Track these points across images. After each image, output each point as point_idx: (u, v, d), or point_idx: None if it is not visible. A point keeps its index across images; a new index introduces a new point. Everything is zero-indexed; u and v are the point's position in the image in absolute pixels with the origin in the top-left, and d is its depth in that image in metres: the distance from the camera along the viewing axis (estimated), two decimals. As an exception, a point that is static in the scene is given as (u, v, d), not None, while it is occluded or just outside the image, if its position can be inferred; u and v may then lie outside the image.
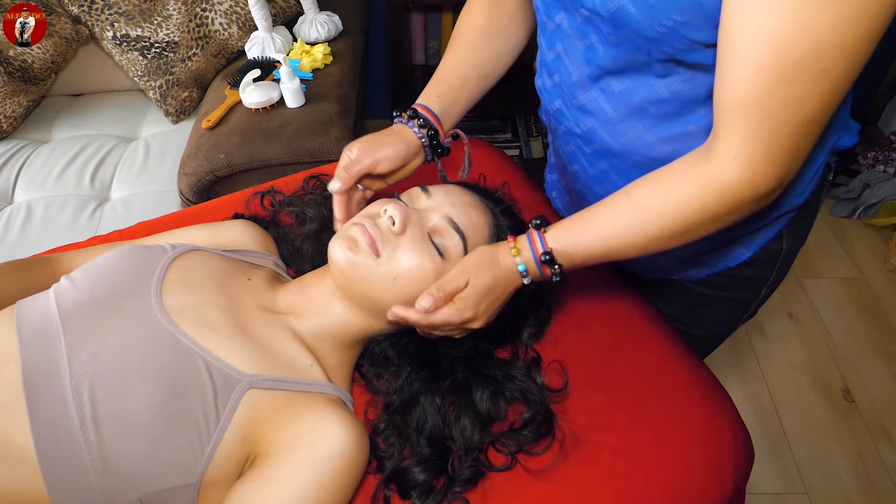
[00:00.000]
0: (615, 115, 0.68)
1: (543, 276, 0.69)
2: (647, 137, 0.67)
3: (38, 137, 1.62)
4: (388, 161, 0.77)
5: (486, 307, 0.68)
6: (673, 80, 0.61)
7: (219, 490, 0.63)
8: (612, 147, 0.70)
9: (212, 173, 1.33)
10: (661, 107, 0.64)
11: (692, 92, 0.61)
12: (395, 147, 0.77)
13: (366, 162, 0.76)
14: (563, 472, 0.70)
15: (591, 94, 0.69)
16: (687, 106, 0.63)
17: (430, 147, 0.81)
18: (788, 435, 1.55)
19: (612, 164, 0.73)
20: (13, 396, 0.61)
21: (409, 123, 0.80)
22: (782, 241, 0.76)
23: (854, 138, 0.71)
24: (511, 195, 0.90)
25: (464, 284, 0.67)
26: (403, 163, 0.79)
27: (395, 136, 0.79)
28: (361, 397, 0.78)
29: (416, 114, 0.80)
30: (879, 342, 1.74)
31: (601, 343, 0.82)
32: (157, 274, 0.71)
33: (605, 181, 0.75)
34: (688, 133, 0.65)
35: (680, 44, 0.56)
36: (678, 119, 0.64)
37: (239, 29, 1.59)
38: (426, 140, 0.80)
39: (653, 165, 0.64)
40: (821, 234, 2.02)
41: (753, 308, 0.86)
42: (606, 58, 0.64)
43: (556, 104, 0.75)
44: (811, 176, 0.70)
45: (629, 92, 0.65)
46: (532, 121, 2.21)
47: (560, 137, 0.79)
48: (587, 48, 0.66)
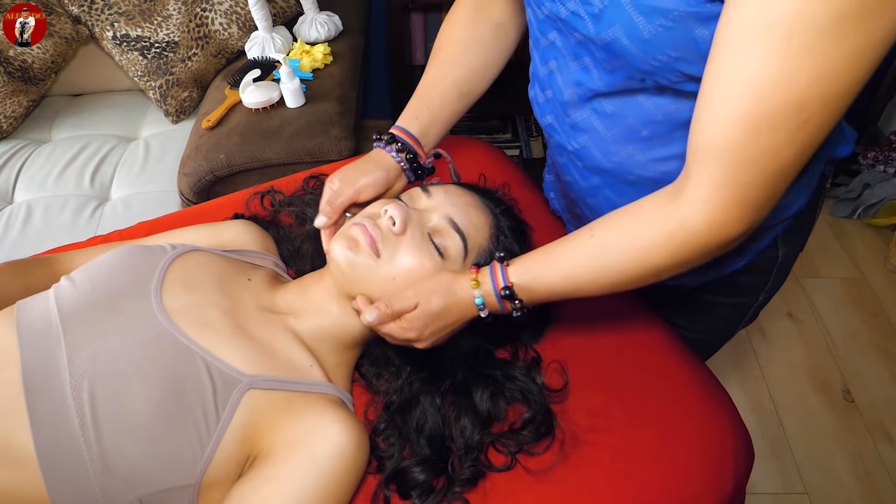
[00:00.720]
0: (608, 135, 0.67)
1: (504, 309, 0.68)
2: (638, 157, 0.67)
3: (38, 137, 1.62)
4: (369, 189, 0.78)
5: (431, 332, 0.69)
6: (665, 101, 0.61)
7: (219, 490, 0.63)
8: (605, 166, 0.70)
9: (212, 173, 1.33)
10: (653, 128, 0.64)
11: (685, 114, 0.61)
12: (374, 174, 0.78)
13: (347, 193, 0.76)
14: (563, 472, 0.70)
15: (583, 114, 0.69)
16: (678, 128, 0.62)
17: (410, 170, 0.81)
18: (788, 435, 1.55)
19: (605, 181, 0.73)
20: (13, 397, 0.61)
21: (386, 148, 0.80)
22: (778, 248, 0.76)
23: (850, 147, 0.71)
24: (511, 195, 0.90)
25: (412, 306, 0.67)
26: (385, 188, 0.80)
27: (373, 164, 0.79)
28: (361, 397, 0.78)
29: (394, 138, 0.80)
30: (879, 342, 1.74)
31: (601, 343, 0.82)
32: (156, 274, 0.71)
33: (597, 195, 0.75)
34: (679, 155, 0.64)
35: (674, 76, 0.56)
36: (670, 141, 0.64)
37: (239, 29, 1.59)
38: (405, 164, 0.80)
39: (646, 183, 0.63)
40: (821, 234, 2.02)
41: (752, 312, 0.86)
42: (600, 82, 0.64)
43: (549, 119, 0.75)
44: (803, 186, 0.70)
45: (621, 113, 0.65)
46: (532, 121, 2.21)
47: (553, 149, 0.79)
48: (581, 69, 0.65)
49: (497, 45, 0.84)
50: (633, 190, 0.63)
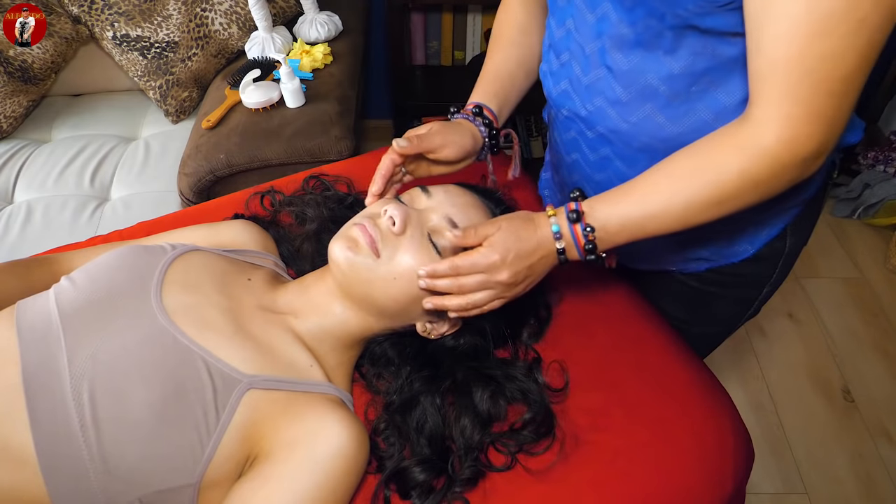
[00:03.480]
0: (625, 94, 0.67)
1: (577, 243, 0.65)
2: (657, 118, 0.66)
3: (38, 137, 1.62)
4: (454, 147, 0.76)
5: (514, 257, 0.64)
6: (683, 53, 0.61)
7: (219, 490, 0.63)
8: (620, 128, 0.69)
9: (212, 173, 1.33)
10: (672, 84, 0.63)
11: (702, 64, 0.61)
12: (464, 137, 0.77)
13: (436, 140, 0.75)
14: (563, 472, 0.70)
15: (599, 73, 0.68)
16: (696, 82, 0.62)
17: (488, 146, 0.81)
18: (788, 435, 1.55)
19: (616, 150, 0.72)
20: (13, 397, 0.61)
21: (474, 121, 0.79)
22: (786, 238, 0.76)
23: (859, 135, 0.71)
24: (511, 195, 0.89)
25: (496, 230, 0.65)
26: (466, 155, 0.79)
27: (465, 128, 0.78)
28: (361, 397, 0.78)
29: (481, 111, 0.80)
30: (879, 342, 1.74)
31: (601, 343, 0.82)
32: (156, 274, 0.71)
33: (607, 168, 0.74)
34: (696, 111, 0.64)
35: (694, 5, 0.55)
36: (687, 97, 0.64)
37: (239, 29, 1.59)
38: (488, 139, 0.80)
39: (659, 146, 0.63)
40: (821, 234, 2.02)
41: (756, 306, 0.86)
42: (620, 24, 0.63)
43: (563, 85, 0.74)
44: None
45: (638, 70, 0.64)
46: (532, 121, 2.20)
47: (561, 124, 0.79)
48: (599, 20, 0.65)
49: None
50: (645, 157, 0.62)
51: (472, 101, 0.82)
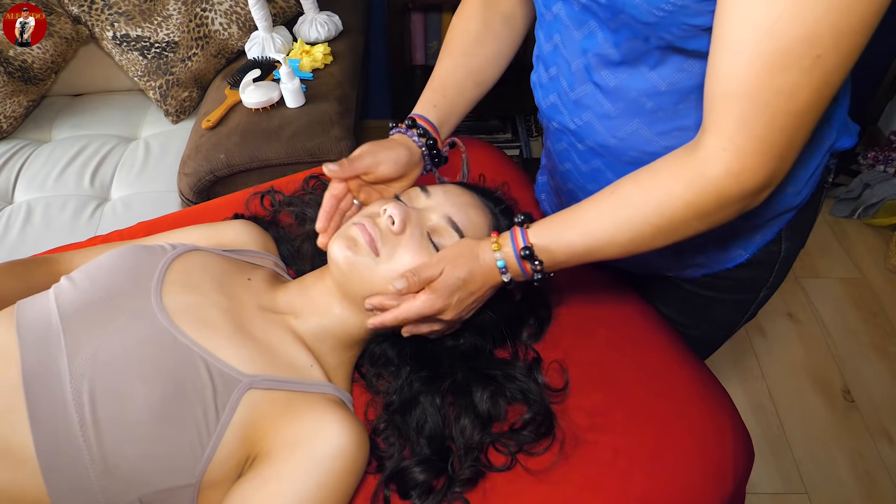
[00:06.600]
0: (612, 109, 0.67)
1: (524, 273, 0.67)
2: (644, 133, 0.66)
3: (38, 137, 1.62)
4: (389, 163, 0.75)
5: (458, 300, 0.68)
6: (668, 69, 0.61)
7: (219, 490, 0.63)
8: (608, 143, 0.70)
9: (212, 173, 1.33)
10: (658, 100, 0.63)
11: (689, 82, 0.61)
12: (397, 151, 0.76)
13: (366, 160, 0.74)
14: (563, 472, 0.70)
15: (586, 88, 0.68)
16: (684, 99, 0.62)
17: (429, 156, 0.80)
18: (788, 435, 1.55)
19: (606, 162, 0.72)
20: (13, 397, 0.61)
21: (408, 133, 0.79)
22: (781, 242, 0.76)
23: (853, 140, 0.71)
24: (511, 195, 0.90)
25: (438, 273, 0.67)
26: (404, 170, 0.77)
27: (397, 143, 0.78)
28: (361, 397, 0.78)
29: (415, 123, 0.79)
30: (879, 342, 1.74)
31: (601, 343, 0.82)
32: (156, 274, 0.71)
33: (598, 179, 0.74)
34: (684, 127, 0.64)
35: (678, 30, 0.55)
36: (675, 114, 0.64)
37: (239, 29, 1.59)
38: (426, 150, 0.79)
39: (648, 160, 0.63)
40: (821, 234, 2.02)
41: (752, 310, 0.86)
42: (605, 44, 0.63)
43: (551, 98, 0.74)
44: (808, 177, 0.70)
45: (625, 86, 0.65)
46: (532, 121, 2.21)
47: (553, 135, 0.79)
48: (585, 36, 0.65)
49: (508, 35, 0.84)
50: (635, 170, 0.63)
51: (412, 114, 0.81)
